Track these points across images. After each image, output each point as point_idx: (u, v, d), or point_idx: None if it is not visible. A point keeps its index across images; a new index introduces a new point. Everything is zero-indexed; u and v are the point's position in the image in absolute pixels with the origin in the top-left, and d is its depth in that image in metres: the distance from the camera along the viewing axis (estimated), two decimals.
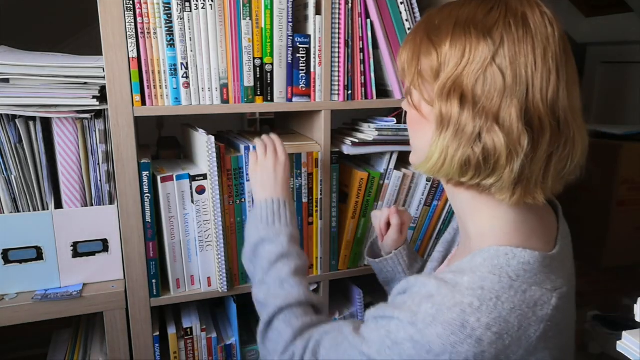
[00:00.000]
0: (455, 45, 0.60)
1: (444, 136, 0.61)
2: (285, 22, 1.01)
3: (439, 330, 0.55)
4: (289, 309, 0.78)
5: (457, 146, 0.60)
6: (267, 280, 0.82)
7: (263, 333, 0.79)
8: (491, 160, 0.58)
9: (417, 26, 0.67)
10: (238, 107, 1.02)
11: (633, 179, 1.66)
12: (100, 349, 1.09)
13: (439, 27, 0.62)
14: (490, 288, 0.57)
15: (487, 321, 0.55)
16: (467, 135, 0.59)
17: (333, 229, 1.14)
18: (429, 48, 0.63)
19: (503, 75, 0.57)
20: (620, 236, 1.71)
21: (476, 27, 0.59)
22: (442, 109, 0.60)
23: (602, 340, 1.67)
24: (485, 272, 0.58)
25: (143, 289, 1.01)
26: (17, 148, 0.94)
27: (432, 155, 0.62)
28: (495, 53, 0.57)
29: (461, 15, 0.61)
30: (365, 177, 1.12)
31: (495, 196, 0.62)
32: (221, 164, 1.01)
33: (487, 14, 0.60)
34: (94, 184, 0.99)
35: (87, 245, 1.00)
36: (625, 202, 1.68)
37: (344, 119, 1.24)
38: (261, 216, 0.87)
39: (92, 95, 0.93)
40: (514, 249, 0.60)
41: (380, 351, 0.60)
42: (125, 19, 0.90)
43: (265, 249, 0.84)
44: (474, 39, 0.58)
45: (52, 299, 0.96)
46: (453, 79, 0.59)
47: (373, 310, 0.66)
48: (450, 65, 0.60)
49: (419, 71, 0.64)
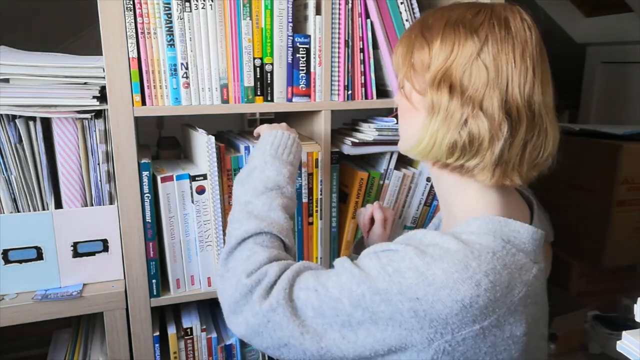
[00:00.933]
0: (445, 41, 0.66)
1: (434, 122, 0.67)
2: (285, 22, 1.01)
3: (444, 266, 0.59)
4: (270, 237, 0.74)
5: (446, 130, 0.66)
6: (255, 202, 0.78)
7: (229, 252, 0.73)
8: (475, 143, 0.65)
9: (413, 25, 0.73)
10: (238, 107, 1.02)
11: (633, 179, 1.66)
12: (100, 349, 1.10)
13: (432, 26, 0.69)
14: (486, 245, 0.61)
15: (485, 269, 0.59)
16: (455, 121, 0.65)
17: (333, 229, 1.14)
18: (422, 44, 0.69)
19: (487, 70, 0.64)
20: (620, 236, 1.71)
21: (464, 27, 0.66)
22: (433, 97, 0.66)
23: (602, 340, 1.67)
24: (481, 233, 0.63)
25: (143, 289, 1.01)
26: (17, 148, 0.94)
27: (423, 139, 0.68)
28: (480, 49, 0.64)
29: (452, 16, 0.68)
30: (365, 177, 1.12)
31: (477, 177, 0.68)
32: (221, 164, 1.01)
33: (475, 15, 0.67)
34: (94, 184, 0.99)
35: (87, 245, 1.00)
36: (625, 202, 1.68)
37: (344, 119, 1.24)
38: (272, 143, 0.86)
39: (92, 95, 0.93)
40: (506, 219, 0.66)
41: (379, 277, 0.61)
42: (125, 19, 0.90)
43: (265, 174, 0.82)
44: (462, 36, 0.65)
45: (52, 299, 0.96)
46: (443, 71, 0.66)
47: (368, 250, 0.68)
48: (440, 58, 0.66)
49: (412, 64, 0.70)
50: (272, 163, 0.84)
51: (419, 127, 0.70)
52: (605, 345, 1.66)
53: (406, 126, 0.75)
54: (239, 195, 0.82)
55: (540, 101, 0.66)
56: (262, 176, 0.82)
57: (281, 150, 0.86)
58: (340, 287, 0.63)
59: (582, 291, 1.89)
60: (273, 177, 0.82)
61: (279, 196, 0.80)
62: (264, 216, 0.76)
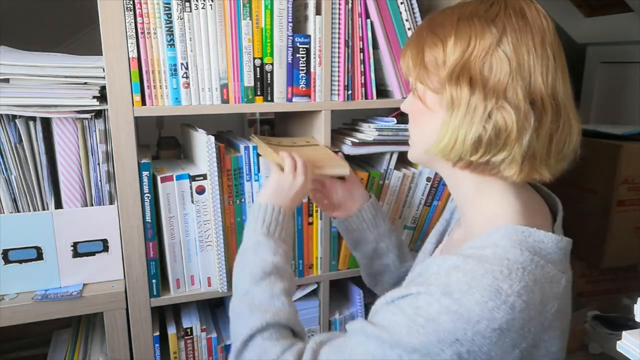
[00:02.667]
0: (460, 35, 0.64)
1: (455, 117, 0.64)
2: (285, 22, 1.01)
3: (476, 297, 0.55)
4: (277, 328, 0.71)
5: (469, 125, 0.63)
6: (255, 291, 0.75)
7: (238, 354, 0.70)
8: (502, 135, 0.62)
9: (421, 27, 0.71)
10: (238, 107, 1.02)
11: (633, 179, 1.66)
12: (100, 349, 1.10)
13: (443, 23, 0.67)
14: (515, 259, 0.58)
15: (517, 289, 0.56)
16: (479, 115, 0.62)
17: (333, 229, 1.14)
18: (435, 41, 0.66)
19: (508, 60, 0.61)
20: (620, 236, 1.71)
21: (479, 19, 0.64)
22: (452, 93, 0.64)
23: (602, 340, 1.67)
24: (507, 246, 0.60)
25: (143, 289, 1.01)
26: (17, 148, 0.94)
27: (443, 137, 0.65)
28: (499, 40, 0.62)
29: (464, 11, 0.66)
30: (365, 177, 1.12)
31: (505, 172, 0.65)
32: (221, 164, 1.01)
33: (489, 8, 0.65)
34: (94, 184, 0.99)
35: (87, 245, 1.00)
36: (625, 202, 1.67)
37: (344, 119, 1.24)
38: (264, 220, 0.83)
39: (92, 95, 0.93)
40: (528, 228, 0.62)
41: (411, 332, 0.56)
42: (125, 19, 0.90)
43: (260, 256, 0.79)
44: (479, 28, 0.63)
45: (52, 299, 0.96)
46: (461, 65, 0.63)
47: (383, 299, 0.63)
48: (456, 53, 0.64)
49: (424, 64, 0.68)
50: (266, 243, 0.81)
51: (435, 127, 0.67)
52: (605, 345, 1.66)
53: (419, 130, 0.73)
54: (236, 284, 0.80)
55: (562, 90, 0.64)
56: (258, 259, 0.79)
57: (273, 228, 0.82)
58: (372, 356, 0.58)
59: (582, 291, 1.89)
60: (269, 259, 0.79)
61: (279, 280, 0.77)
62: (267, 306, 0.73)
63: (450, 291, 0.56)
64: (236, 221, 1.05)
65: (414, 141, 0.75)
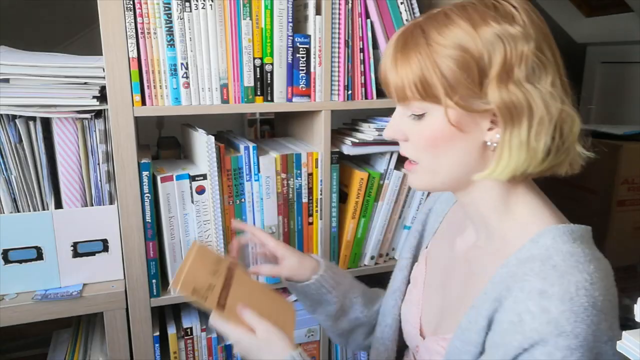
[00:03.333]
0: (487, 38, 0.59)
1: (519, 131, 0.60)
2: (285, 22, 1.01)
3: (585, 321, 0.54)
4: None
5: (538, 135, 0.60)
6: None
7: None
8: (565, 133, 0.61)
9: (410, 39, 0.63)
10: (238, 107, 1.02)
11: (633, 179, 1.65)
12: (100, 349, 1.10)
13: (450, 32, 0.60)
14: (584, 260, 0.58)
15: (604, 292, 0.56)
16: (545, 120, 0.60)
17: (333, 229, 1.14)
18: (453, 52, 0.60)
19: (545, 56, 0.60)
20: (620, 236, 1.71)
21: (496, 20, 0.60)
22: (506, 104, 0.59)
23: None
24: (568, 248, 0.59)
25: (143, 289, 1.01)
26: (17, 148, 0.94)
27: (511, 157, 0.61)
28: (528, 36, 0.59)
29: (469, 15, 0.61)
30: (365, 177, 1.12)
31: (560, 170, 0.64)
32: (221, 164, 1.01)
33: (496, 8, 0.61)
34: (94, 184, 0.99)
35: (87, 245, 1.00)
36: (625, 202, 1.67)
37: (344, 119, 1.24)
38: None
39: (92, 95, 0.93)
40: (567, 225, 0.62)
41: None
42: (125, 19, 0.90)
43: None
44: (502, 28, 0.59)
45: (52, 299, 0.96)
46: (506, 71, 0.59)
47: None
48: (497, 59, 0.59)
49: (448, 81, 0.60)
50: None
51: (468, 149, 0.63)
52: None
53: (446, 157, 0.65)
54: None
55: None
56: None
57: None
58: None
59: None
60: None
61: None
62: None
63: (563, 329, 0.54)
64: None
65: (436, 168, 0.66)
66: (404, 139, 0.68)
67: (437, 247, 0.83)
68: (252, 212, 1.06)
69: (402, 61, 0.63)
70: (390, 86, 0.66)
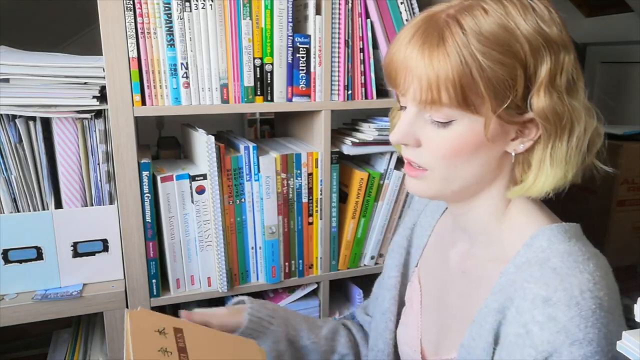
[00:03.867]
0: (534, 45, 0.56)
1: (560, 143, 0.57)
2: (285, 22, 1.01)
3: (596, 325, 0.52)
4: None
5: (578, 147, 0.58)
6: None
7: None
8: (594, 151, 0.60)
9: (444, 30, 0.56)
10: (238, 107, 1.02)
11: (633, 179, 1.66)
12: (100, 349, 1.10)
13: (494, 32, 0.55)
14: (582, 259, 0.56)
15: (606, 290, 0.55)
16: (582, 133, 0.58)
17: (333, 229, 1.14)
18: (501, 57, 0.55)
19: (577, 66, 0.58)
20: (620, 236, 1.71)
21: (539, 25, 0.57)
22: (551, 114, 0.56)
23: None
24: (564, 247, 0.58)
25: (143, 289, 1.01)
26: (17, 148, 0.94)
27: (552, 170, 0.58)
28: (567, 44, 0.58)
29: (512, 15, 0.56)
30: (365, 177, 1.12)
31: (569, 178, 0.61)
32: (221, 164, 1.01)
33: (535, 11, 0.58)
34: (94, 184, 0.99)
35: (87, 245, 1.00)
36: (625, 202, 1.67)
37: (344, 119, 1.24)
38: None
39: (92, 95, 0.93)
40: (559, 224, 0.61)
41: None
42: (125, 19, 0.90)
43: None
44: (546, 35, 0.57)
45: (52, 299, 0.96)
46: (550, 80, 0.56)
47: None
48: (544, 67, 0.56)
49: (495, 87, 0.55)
50: None
51: (490, 158, 0.60)
52: None
53: (467, 166, 0.60)
54: None
55: None
56: None
57: None
58: None
59: None
60: None
61: None
62: None
63: (575, 337, 0.52)
64: (236, 221, 1.05)
65: (452, 177, 0.61)
66: (417, 145, 0.61)
67: (429, 263, 0.79)
68: (252, 212, 1.06)
69: (438, 53, 0.55)
70: (412, 79, 0.58)
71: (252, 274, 1.10)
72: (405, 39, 0.58)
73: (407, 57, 0.57)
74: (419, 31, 0.57)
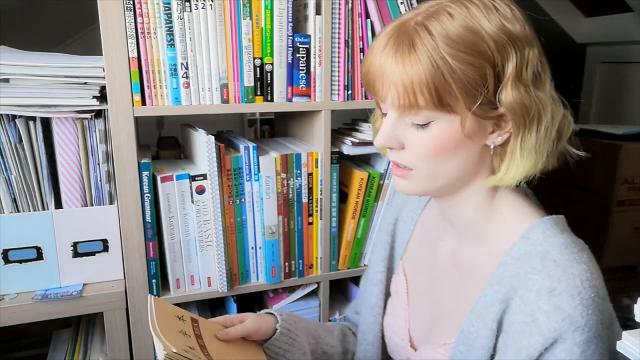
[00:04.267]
0: (499, 44, 0.58)
1: (530, 134, 0.60)
2: (285, 22, 1.01)
3: (596, 313, 0.56)
4: None
5: (547, 137, 0.61)
6: None
7: None
8: (561, 138, 0.63)
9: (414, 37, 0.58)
10: (238, 107, 1.02)
11: (633, 179, 1.66)
12: (100, 349, 1.10)
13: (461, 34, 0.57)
14: (578, 250, 0.60)
15: (600, 279, 0.59)
16: (551, 122, 0.61)
17: (333, 229, 1.14)
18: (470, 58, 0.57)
19: (542, 59, 0.61)
20: (620, 236, 1.71)
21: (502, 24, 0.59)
22: (519, 107, 0.59)
23: None
24: (559, 240, 0.61)
25: (143, 289, 1.01)
26: (17, 148, 0.94)
27: (523, 160, 0.61)
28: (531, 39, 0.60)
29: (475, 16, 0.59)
30: (365, 177, 1.12)
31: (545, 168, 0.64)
32: (221, 164, 1.01)
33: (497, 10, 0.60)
34: (94, 184, 0.99)
35: (87, 245, 1.00)
36: (625, 202, 1.67)
37: (344, 119, 1.24)
38: None
39: (92, 95, 0.93)
40: (550, 217, 0.64)
41: None
42: (125, 19, 0.90)
43: None
44: (509, 33, 0.59)
45: (52, 299, 0.96)
46: (517, 75, 0.59)
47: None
48: (510, 63, 0.59)
49: (466, 87, 0.58)
50: None
51: (471, 154, 0.63)
52: None
53: (448, 163, 0.63)
54: None
55: None
56: None
57: None
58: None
59: None
60: None
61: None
62: None
63: (578, 324, 0.55)
64: (236, 221, 1.05)
65: (436, 174, 0.64)
66: (400, 147, 0.64)
67: (415, 255, 0.81)
68: (252, 212, 1.06)
69: (410, 59, 0.58)
70: (389, 86, 0.60)
71: (252, 274, 1.10)
72: (379, 47, 0.61)
73: (383, 65, 0.60)
74: (391, 39, 0.60)
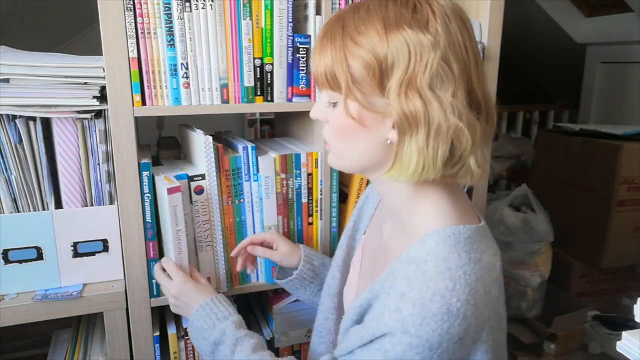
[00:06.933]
0: (395, 44, 0.61)
1: (417, 138, 0.62)
2: (285, 22, 1.01)
3: (432, 326, 0.59)
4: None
5: (435, 144, 0.62)
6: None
7: None
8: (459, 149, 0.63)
9: (331, 31, 0.66)
10: (238, 107, 1.02)
11: (633, 179, 1.66)
12: (100, 349, 1.10)
13: (365, 32, 0.63)
14: (455, 265, 0.61)
15: (464, 297, 0.59)
16: (443, 131, 0.61)
17: (333, 229, 1.14)
18: (362, 53, 0.62)
19: (450, 67, 0.61)
20: (620, 236, 1.71)
21: (410, 25, 0.61)
22: (404, 110, 0.61)
23: (601, 340, 1.67)
24: (445, 253, 0.63)
25: (143, 289, 1.01)
26: (17, 148, 0.94)
27: (409, 163, 0.63)
28: (437, 45, 0.60)
29: (387, 15, 0.62)
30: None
31: (460, 180, 0.67)
32: (219, 164, 1.01)
33: (415, 10, 0.62)
34: (94, 184, 0.99)
35: (87, 245, 1.00)
36: (625, 202, 1.68)
37: None
38: (200, 327, 0.85)
39: (92, 95, 0.93)
40: (457, 227, 0.65)
41: None
42: (125, 19, 0.90)
43: (220, 351, 0.82)
44: (413, 35, 0.61)
45: (52, 299, 0.96)
46: (408, 79, 0.61)
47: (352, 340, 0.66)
48: (400, 65, 0.61)
49: (354, 80, 0.64)
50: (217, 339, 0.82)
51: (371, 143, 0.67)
52: (605, 345, 1.66)
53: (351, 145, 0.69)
54: None
55: (488, 89, 0.66)
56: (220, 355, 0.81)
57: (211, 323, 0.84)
58: None
59: (582, 291, 1.89)
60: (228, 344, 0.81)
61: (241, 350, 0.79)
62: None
63: (407, 329, 0.59)
64: (235, 221, 1.05)
65: (343, 153, 0.71)
66: (325, 120, 0.72)
67: (371, 233, 0.88)
68: (252, 212, 1.06)
69: (320, 51, 0.66)
70: (315, 68, 0.69)
71: (252, 274, 1.10)
72: (318, 37, 0.69)
73: (314, 51, 0.69)
74: (320, 34, 0.68)
